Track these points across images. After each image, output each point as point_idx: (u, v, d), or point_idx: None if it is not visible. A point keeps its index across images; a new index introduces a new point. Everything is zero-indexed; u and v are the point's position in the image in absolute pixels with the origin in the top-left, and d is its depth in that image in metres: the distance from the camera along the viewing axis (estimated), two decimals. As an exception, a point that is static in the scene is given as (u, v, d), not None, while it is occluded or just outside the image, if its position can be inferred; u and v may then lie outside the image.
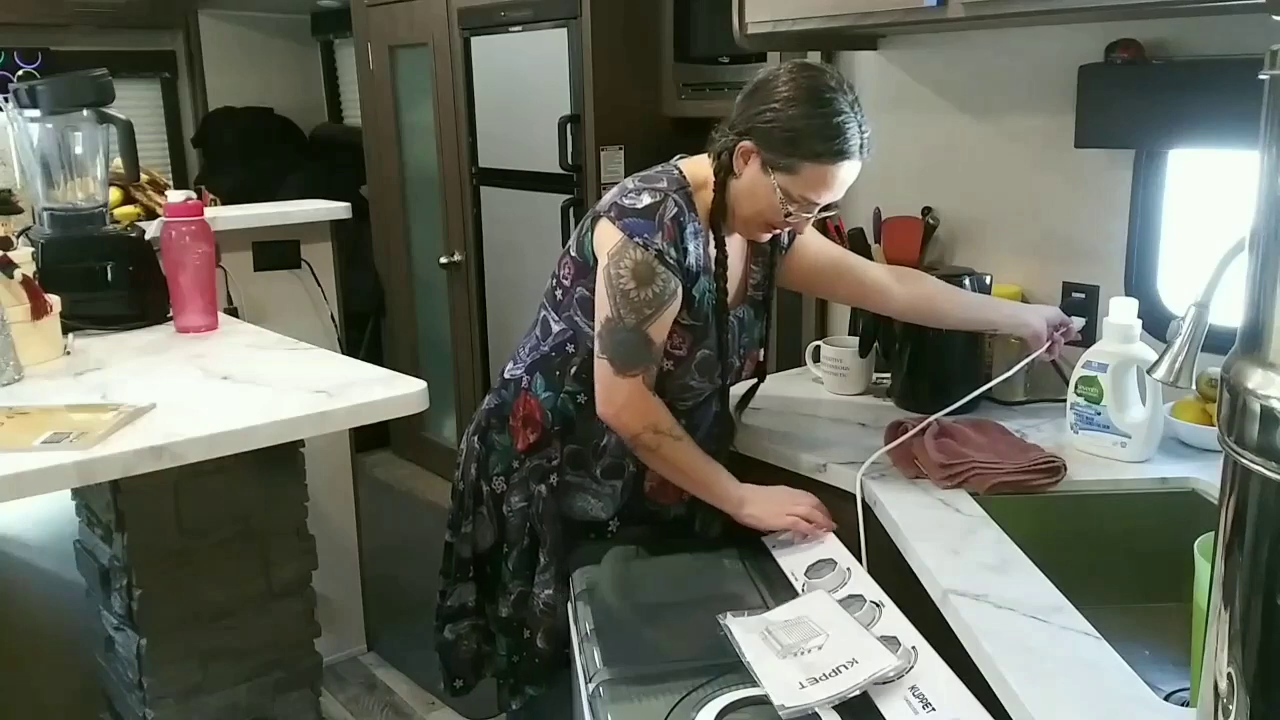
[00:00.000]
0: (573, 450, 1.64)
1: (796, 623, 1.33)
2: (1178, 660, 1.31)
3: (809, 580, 1.46)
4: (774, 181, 1.50)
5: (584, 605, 1.49)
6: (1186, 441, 1.68)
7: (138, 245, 2.12)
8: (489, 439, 1.70)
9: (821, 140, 1.46)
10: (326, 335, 2.78)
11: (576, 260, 1.60)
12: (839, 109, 1.46)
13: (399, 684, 2.79)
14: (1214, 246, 1.07)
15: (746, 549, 1.59)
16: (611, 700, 1.26)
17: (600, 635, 1.41)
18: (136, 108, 4.82)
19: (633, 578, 1.57)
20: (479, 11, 3.40)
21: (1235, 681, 0.84)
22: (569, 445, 1.64)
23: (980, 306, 1.83)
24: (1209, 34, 1.71)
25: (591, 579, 1.55)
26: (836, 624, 1.31)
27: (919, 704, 1.14)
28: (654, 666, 1.32)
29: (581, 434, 1.62)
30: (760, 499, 1.58)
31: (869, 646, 1.24)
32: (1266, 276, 0.79)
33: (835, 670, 1.20)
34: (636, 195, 1.54)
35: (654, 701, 1.25)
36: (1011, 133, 2.04)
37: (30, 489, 1.33)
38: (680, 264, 1.51)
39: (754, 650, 1.28)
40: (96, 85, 2.09)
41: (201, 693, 1.70)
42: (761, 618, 1.36)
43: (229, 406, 1.56)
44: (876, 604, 1.35)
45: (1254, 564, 0.81)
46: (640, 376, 1.52)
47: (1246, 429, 0.79)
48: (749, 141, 1.51)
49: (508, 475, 1.67)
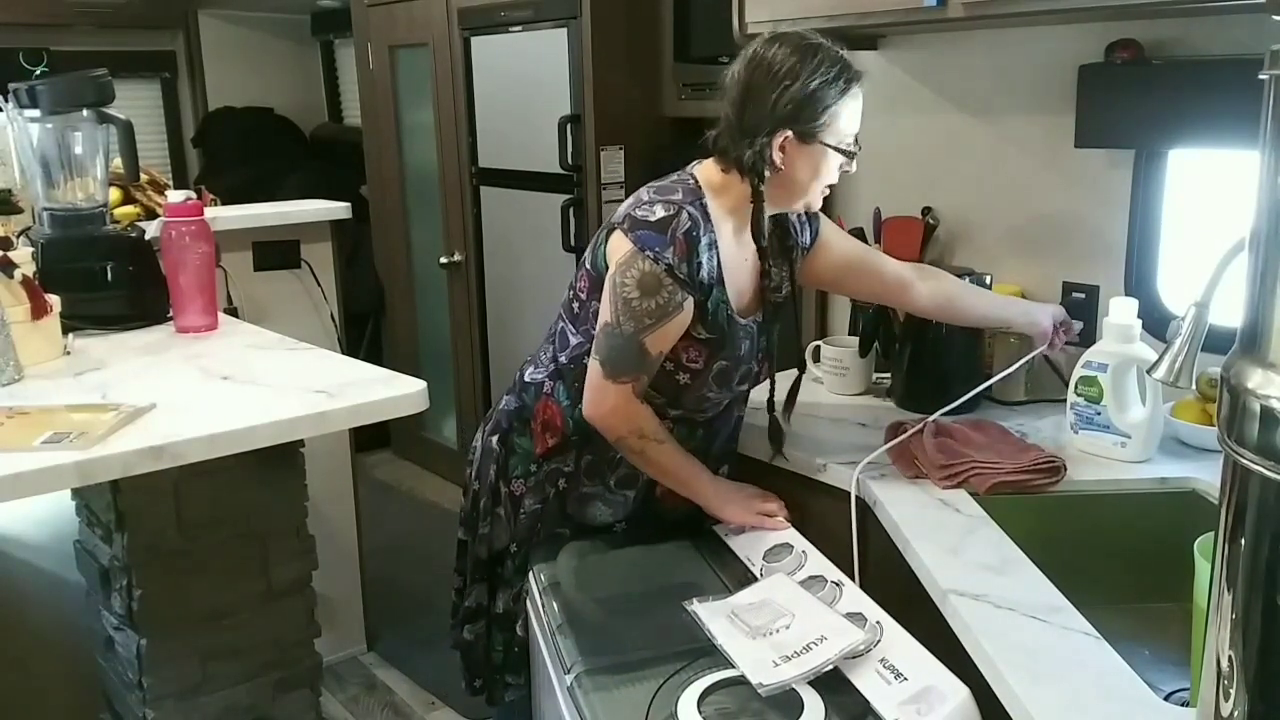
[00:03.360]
0: (590, 461, 1.65)
1: (761, 605, 1.37)
2: (1178, 660, 1.31)
3: (767, 565, 1.50)
4: (820, 145, 1.52)
5: (549, 600, 1.52)
6: (1186, 441, 1.68)
7: (138, 245, 2.12)
8: (510, 441, 1.70)
9: (832, 84, 1.50)
10: (326, 335, 2.78)
11: (591, 274, 1.59)
12: (821, 52, 1.51)
13: (399, 684, 2.79)
14: (1214, 246, 1.07)
15: (701, 539, 1.63)
16: (593, 690, 1.28)
17: (571, 628, 1.43)
18: (136, 108, 4.82)
19: (593, 571, 1.60)
20: (479, 11, 3.40)
21: (1235, 681, 0.84)
22: (586, 455, 1.65)
23: (996, 305, 1.85)
24: (1209, 34, 1.71)
25: (552, 575, 1.58)
26: (800, 604, 1.35)
27: (890, 675, 1.19)
28: (629, 655, 1.35)
29: (599, 445, 1.62)
30: (736, 498, 1.62)
31: (835, 623, 1.28)
32: (1266, 276, 0.79)
33: (805, 648, 1.25)
34: (650, 207, 1.52)
35: (635, 689, 1.27)
36: (1011, 133, 2.04)
37: (30, 489, 1.33)
38: (693, 278, 1.51)
39: (724, 633, 1.31)
40: (96, 85, 2.09)
41: (201, 693, 1.70)
42: (726, 602, 1.40)
43: (229, 406, 1.56)
44: (837, 584, 1.39)
45: (1254, 564, 0.81)
46: (631, 385, 1.52)
47: (1246, 429, 0.79)
48: (782, 133, 1.50)
49: (526, 478, 1.68)
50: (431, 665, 2.82)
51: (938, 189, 2.17)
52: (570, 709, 1.31)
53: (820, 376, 2.05)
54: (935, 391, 1.84)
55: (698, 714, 1.21)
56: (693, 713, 1.21)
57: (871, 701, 1.17)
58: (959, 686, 1.14)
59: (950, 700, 1.13)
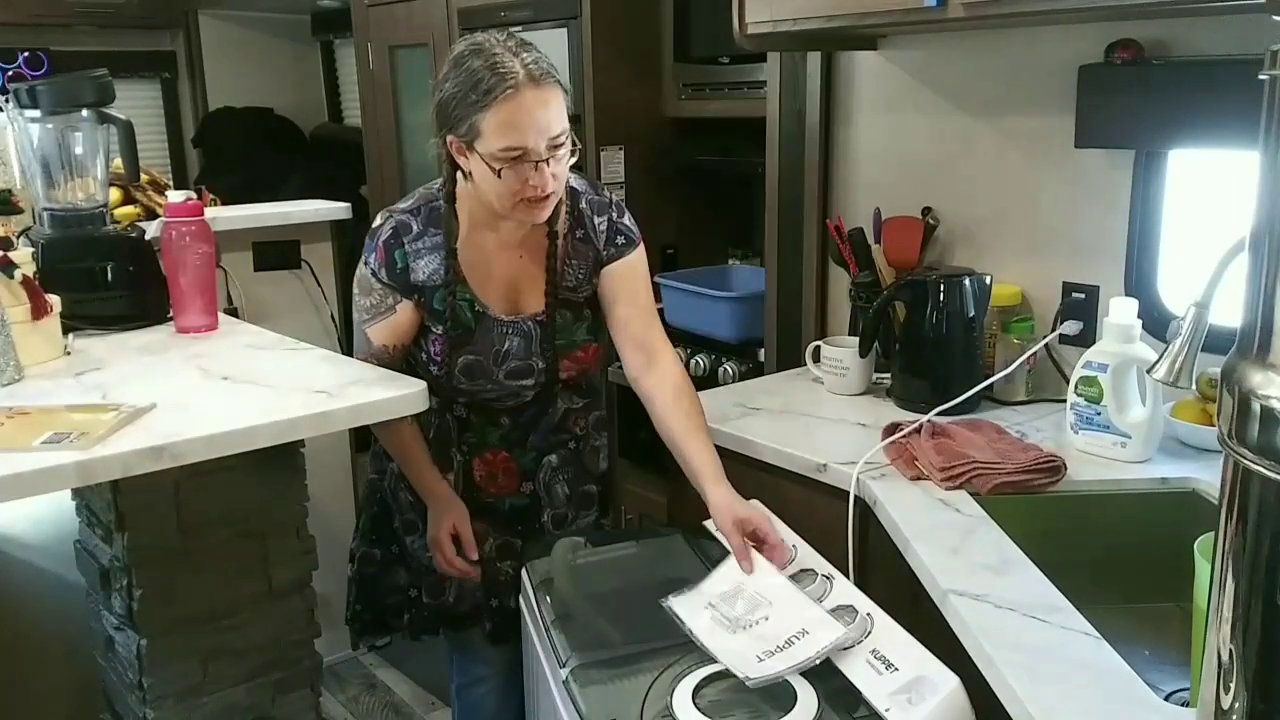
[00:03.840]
0: None
1: (736, 593, 1.38)
2: (1178, 660, 1.31)
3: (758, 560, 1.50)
4: (479, 154, 1.50)
5: (542, 596, 1.53)
6: (1186, 441, 1.68)
7: (138, 245, 2.12)
8: None
9: (477, 89, 1.45)
10: (326, 335, 2.79)
11: None
12: (482, 55, 1.47)
13: (399, 684, 2.79)
14: (1214, 246, 1.07)
15: (691, 534, 1.64)
16: (588, 684, 1.29)
17: (565, 623, 1.44)
18: (136, 108, 4.82)
19: (584, 567, 1.62)
20: (479, 11, 3.40)
21: (1235, 681, 0.84)
22: None
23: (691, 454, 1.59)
24: (1209, 34, 1.71)
25: (544, 571, 1.59)
26: (775, 591, 1.37)
27: (881, 665, 1.20)
28: (623, 649, 1.36)
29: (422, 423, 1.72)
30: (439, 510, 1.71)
31: (815, 616, 1.30)
32: (1267, 276, 0.79)
33: (788, 642, 1.27)
34: (383, 215, 1.68)
35: (629, 682, 1.28)
36: (1011, 133, 2.04)
37: (30, 489, 1.33)
38: (398, 282, 1.63)
39: (703, 629, 1.32)
40: (96, 85, 2.09)
41: (201, 693, 1.70)
42: (699, 591, 1.40)
43: (229, 406, 1.56)
44: (827, 577, 1.40)
45: (1254, 564, 0.81)
46: None
47: (1247, 429, 0.79)
48: (449, 136, 1.52)
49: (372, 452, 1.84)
50: (431, 665, 2.82)
51: (938, 189, 2.17)
52: (565, 703, 1.32)
53: (820, 376, 2.05)
54: (935, 391, 1.84)
55: (693, 706, 1.22)
56: (688, 705, 1.22)
57: (863, 691, 1.18)
58: (949, 676, 1.15)
59: (941, 690, 1.14)
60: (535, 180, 1.50)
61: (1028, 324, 1.99)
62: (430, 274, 1.63)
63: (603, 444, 1.87)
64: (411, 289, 1.64)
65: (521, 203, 1.53)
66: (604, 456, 1.87)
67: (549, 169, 1.50)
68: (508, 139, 1.47)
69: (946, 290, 1.87)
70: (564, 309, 1.69)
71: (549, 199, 1.55)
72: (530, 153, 1.48)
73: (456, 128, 1.50)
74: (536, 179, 1.50)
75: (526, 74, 1.46)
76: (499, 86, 1.45)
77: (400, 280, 1.63)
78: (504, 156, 1.48)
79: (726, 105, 2.87)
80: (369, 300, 1.67)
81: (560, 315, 1.69)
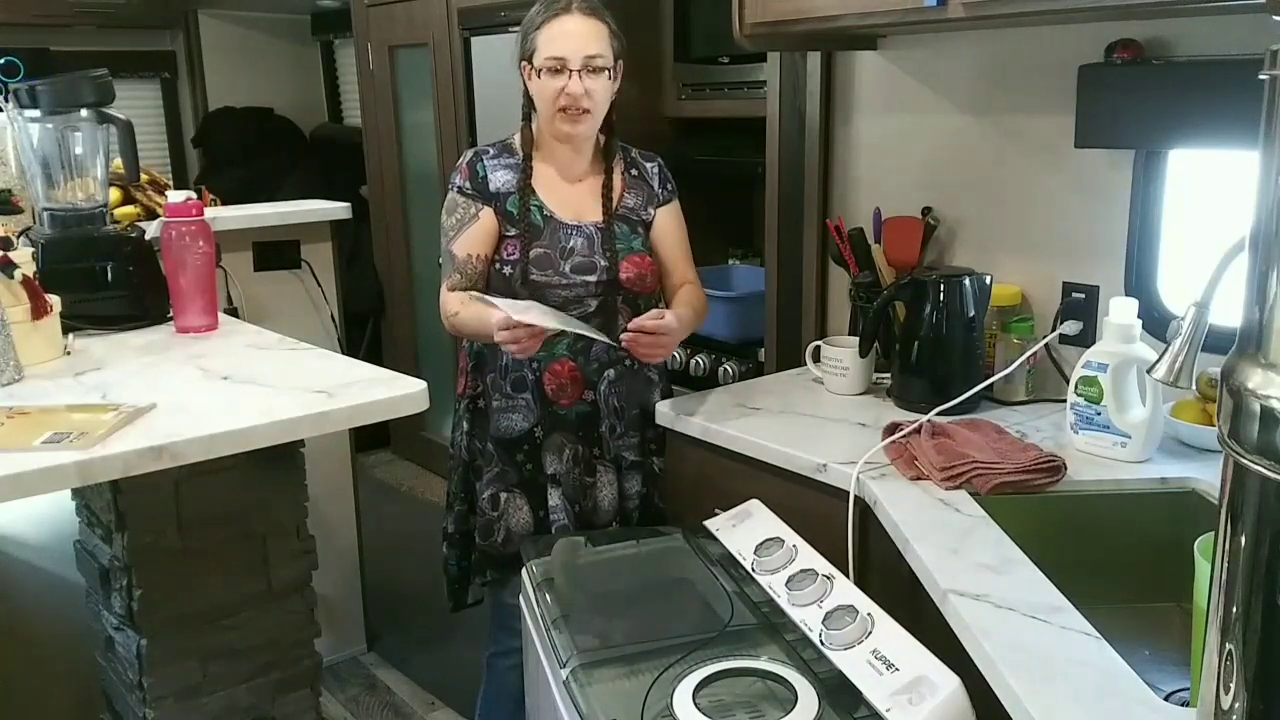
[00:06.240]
0: (491, 378, 1.92)
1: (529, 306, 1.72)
2: (1178, 660, 1.31)
3: (758, 559, 1.51)
4: (533, 68, 1.83)
5: (543, 594, 1.54)
6: (1186, 441, 1.68)
7: (138, 245, 2.12)
8: (455, 404, 2.01)
9: (537, 17, 1.83)
10: (326, 335, 2.79)
11: None
12: None
13: (399, 684, 2.79)
14: (1214, 246, 1.07)
15: (691, 534, 1.65)
16: (590, 683, 1.29)
17: (566, 622, 1.44)
18: (136, 108, 4.83)
19: (585, 566, 1.63)
20: (479, 11, 3.40)
21: (1235, 681, 0.84)
22: (487, 374, 1.93)
23: None
24: (1209, 34, 1.71)
25: (546, 570, 1.60)
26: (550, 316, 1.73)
27: (882, 665, 1.21)
28: (624, 648, 1.37)
29: (490, 361, 1.92)
30: None
31: None
32: (1266, 276, 0.79)
33: None
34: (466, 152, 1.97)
35: (630, 682, 1.29)
36: (1011, 133, 2.04)
37: (30, 489, 1.33)
38: (481, 190, 1.88)
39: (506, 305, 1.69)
40: (96, 85, 2.09)
41: (201, 693, 1.70)
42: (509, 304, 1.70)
43: (229, 406, 1.56)
44: (828, 577, 1.40)
45: (1254, 564, 0.81)
46: (446, 283, 1.91)
47: (1246, 429, 0.79)
48: (521, 64, 1.86)
49: (459, 417, 1.99)
50: (431, 665, 2.82)
51: (938, 189, 2.17)
52: (566, 703, 1.32)
53: (820, 376, 2.05)
54: (935, 391, 1.84)
55: (693, 705, 1.22)
56: (688, 704, 1.22)
57: (863, 691, 1.18)
58: (950, 676, 1.15)
59: (941, 690, 1.14)
60: (571, 88, 1.79)
61: (1028, 324, 1.99)
62: (505, 183, 1.89)
63: (656, 380, 2.00)
64: (491, 196, 1.88)
65: (560, 112, 1.82)
66: (657, 393, 2.00)
67: (584, 82, 1.79)
68: (551, 49, 1.80)
69: (946, 290, 1.87)
70: (621, 222, 1.92)
71: (585, 115, 1.82)
72: (569, 62, 1.79)
73: (524, 50, 1.84)
74: (572, 87, 1.79)
75: (576, 5, 1.82)
76: (551, 8, 1.82)
77: (481, 188, 1.88)
78: (547, 65, 1.80)
79: (726, 105, 2.87)
80: (454, 217, 1.90)
81: (618, 226, 1.92)
